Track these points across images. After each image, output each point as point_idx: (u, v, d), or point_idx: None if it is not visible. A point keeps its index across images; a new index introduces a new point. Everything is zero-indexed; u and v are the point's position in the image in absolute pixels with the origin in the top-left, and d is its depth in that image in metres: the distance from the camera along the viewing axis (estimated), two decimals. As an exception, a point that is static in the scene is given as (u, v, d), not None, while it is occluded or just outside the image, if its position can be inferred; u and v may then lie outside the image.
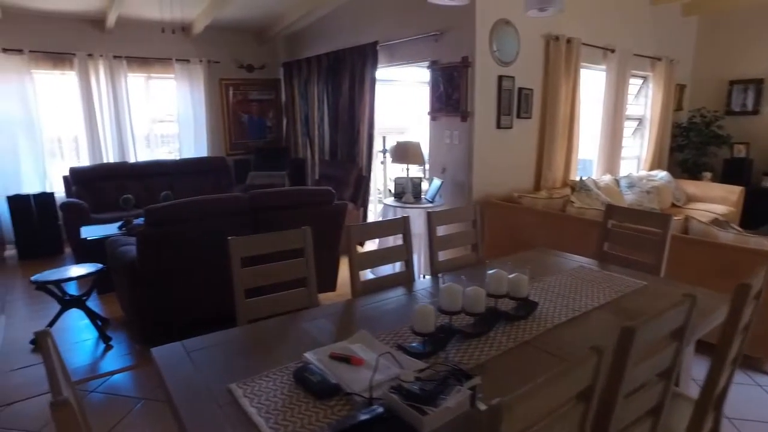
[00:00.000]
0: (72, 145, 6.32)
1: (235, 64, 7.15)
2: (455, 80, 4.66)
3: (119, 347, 3.48)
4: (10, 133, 5.75)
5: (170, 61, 6.58)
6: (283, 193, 3.63)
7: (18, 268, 5.34)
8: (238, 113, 7.30)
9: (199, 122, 6.89)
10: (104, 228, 4.77)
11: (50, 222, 5.72)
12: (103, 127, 6.23)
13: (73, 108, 6.14)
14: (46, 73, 5.95)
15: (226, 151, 7.26)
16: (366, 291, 2.24)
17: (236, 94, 7.23)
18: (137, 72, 6.44)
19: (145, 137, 6.69)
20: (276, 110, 7.62)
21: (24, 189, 5.87)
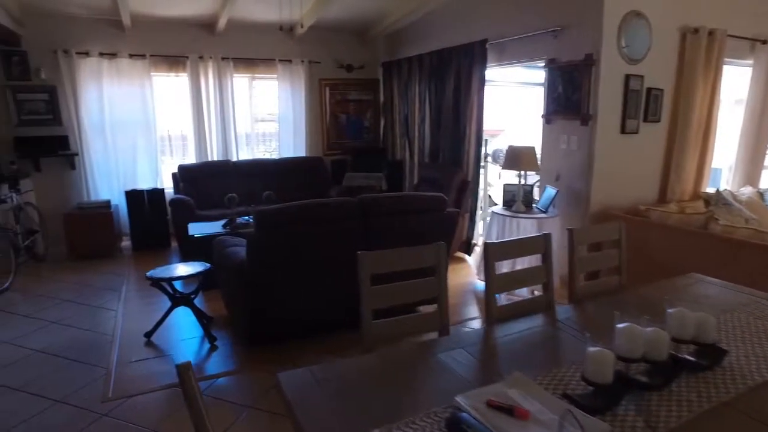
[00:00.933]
0: (180, 143, 6.60)
1: (335, 64, 7.13)
2: (576, 80, 4.25)
3: (224, 348, 3.47)
4: (131, 132, 6.09)
5: (273, 62, 6.67)
6: (394, 199, 3.45)
7: (132, 259, 5.63)
8: (336, 113, 7.28)
9: (299, 122, 6.94)
10: (209, 225, 4.87)
11: (160, 217, 5.99)
12: (209, 126, 6.44)
13: (183, 108, 6.39)
14: (163, 76, 6.24)
15: (323, 151, 7.27)
16: (502, 317, 1.97)
17: (335, 94, 7.22)
18: (242, 72, 6.59)
19: (246, 136, 6.84)
20: (374, 111, 7.52)
21: (139, 184, 6.19)
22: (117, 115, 6.00)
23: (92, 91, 5.83)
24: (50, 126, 5.82)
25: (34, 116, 5.76)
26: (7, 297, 4.52)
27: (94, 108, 5.86)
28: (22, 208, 5.30)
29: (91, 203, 5.81)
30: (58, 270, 5.26)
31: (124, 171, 6.16)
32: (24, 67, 5.65)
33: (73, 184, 6.00)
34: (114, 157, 6.08)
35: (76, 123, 5.81)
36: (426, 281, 1.93)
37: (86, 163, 5.92)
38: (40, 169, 5.86)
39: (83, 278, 4.98)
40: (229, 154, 6.58)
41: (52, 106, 5.80)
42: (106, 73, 5.88)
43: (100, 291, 4.62)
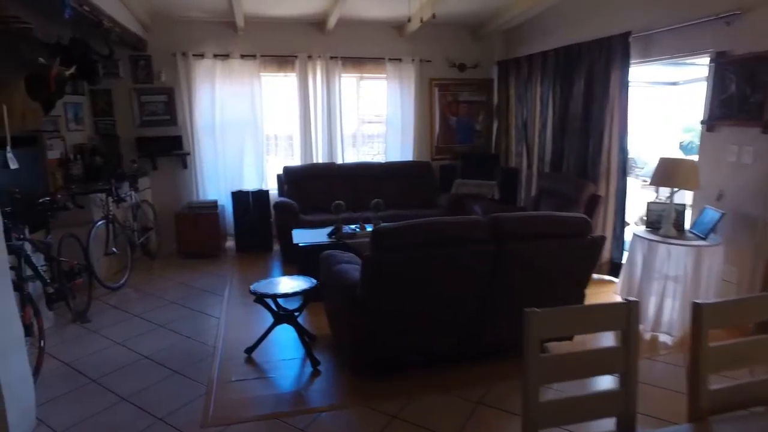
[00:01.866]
0: (286, 144, 6.51)
1: (446, 63, 6.68)
2: (758, 77, 3.43)
3: (327, 374, 3.16)
4: (239, 132, 6.09)
5: (382, 61, 6.37)
6: (531, 220, 2.93)
7: (235, 261, 5.59)
8: (446, 115, 6.83)
9: (407, 124, 6.58)
10: (314, 234, 4.64)
11: (264, 219, 5.91)
12: (315, 126, 6.27)
13: (290, 108, 6.29)
14: (271, 76, 6.17)
15: (430, 155, 6.85)
16: (716, 408, 1.40)
17: (445, 95, 6.76)
18: (350, 72, 6.36)
19: (352, 137, 6.61)
20: (486, 113, 6.97)
21: (245, 185, 6.17)
22: (227, 116, 6.01)
23: (205, 92, 5.88)
24: (167, 126, 5.95)
25: (154, 117, 5.92)
26: (123, 294, 4.60)
27: (206, 108, 5.92)
28: (139, 205, 5.44)
29: (200, 203, 5.87)
30: (166, 268, 5.33)
31: (231, 171, 6.17)
32: (148, 71, 5.83)
33: (184, 183, 6.11)
34: (222, 157, 6.11)
35: (190, 123, 5.89)
36: (610, 351, 1.41)
37: (196, 163, 5.99)
38: (157, 168, 6.02)
39: (189, 278, 4.97)
40: (334, 156, 6.38)
41: (169, 107, 5.93)
42: (218, 74, 5.90)
43: (204, 294, 4.55)
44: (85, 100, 5.67)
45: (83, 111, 5.62)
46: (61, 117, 5.25)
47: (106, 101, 5.79)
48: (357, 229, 4.58)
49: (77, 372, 3.20)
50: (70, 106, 5.42)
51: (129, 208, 5.30)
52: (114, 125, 5.85)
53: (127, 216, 5.29)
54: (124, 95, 5.81)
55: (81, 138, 5.54)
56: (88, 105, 5.73)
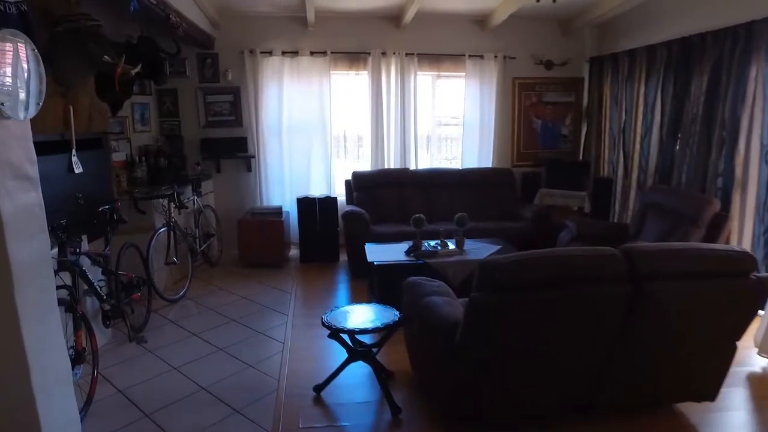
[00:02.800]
0: (355, 146, 6.08)
1: (532, 60, 6.03)
2: None
3: (410, 424, 2.65)
4: (306, 134, 5.73)
5: (462, 58, 5.81)
6: (677, 255, 2.29)
7: (299, 272, 5.20)
8: (529, 118, 6.18)
9: (486, 126, 5.99)
10: (388, 250, 4.16)
11: (330, 227, 5.50)
12: (387, 128, 5.81)
13: (360, 108, 5.85)
14: (342, 74, 5.76)
15: (511, 161, 6.23)
16: None
17: (530, 95, 6.12)
18: (426, 70, 5.84)
19: (425, 140, 6.09)
20: (574, 116, 6.26)
21: (311, 191, 5.80)
22: (294, 116, 5.66)
23: (272, 91, 5.55)
24: (232, 127, 5.68)
25: (219, 117, 5.66)
26: (182, 307, 4.30)
27: (272, 108, 5.58)
28: (201, 210, 5.17)
29: (264, 209, 5.53)
30: (227, 278, 5.02)
31: (297, 176, 5.81)
32: (214, 70, 5.57)
33: (247, 187, 5.81)
34: (288, 161, 5.76)
35: (255, 124, 5.58)
36: None
37: (261, 166, 5.67)
38: (220, 171, 5.75)
39: (251, 291, 4.62)
40: (406, 161, 5.88)
41: (235, 107, 5.65)
42: (287, 72, 5.56)
43: (266, 312, 4.17)
44: (151, 100, 5.47)
45: (149, 111, 5.42)
46: (128, 118, 5.06)
47: (171, 101, 5.57)
48: (437, 246, 4.05)
49: (131, 403, 2.86)
50: (137, 106, 5.23)
51: (191, 213, 5.03)
52: (179, 126, 5.63)
53: (189, 222, 5.02)
54: (190, 95, 5.58)
55: (146, 139, 5.34)
56: (155, 105, 5.54)
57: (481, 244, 4.23)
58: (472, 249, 4.10)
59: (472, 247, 4.15)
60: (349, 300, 4.49)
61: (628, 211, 5.46)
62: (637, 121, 5.21)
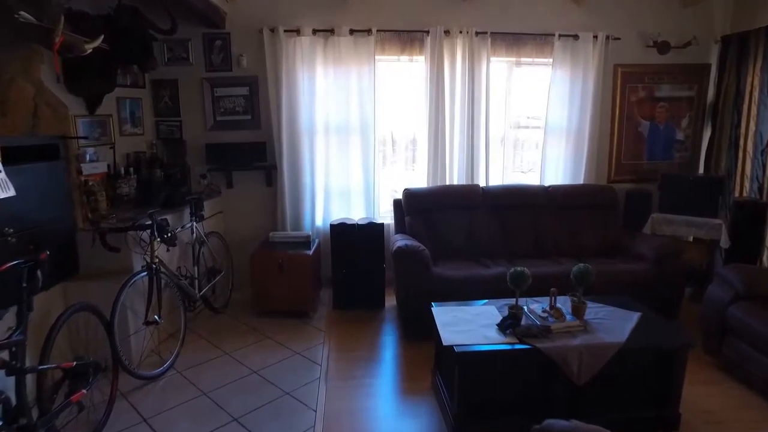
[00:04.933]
0: (406, 155, 4.69)
1: (642, 41, 4.55)
2: None
3: None
4: (344, 138, 4.39)
5: (549, 39, 4.38)
6: None
7: (333, 325, 3.82)
8: (635, 118, 4.69)
9: (575, 129, 4.54)
10: (468, 317, 2.74)
11: (374, 264, 4.11)
12: (450, 131, 4.41)
13: (414, 105, 4.47)
14: (391, 60, 4.39)
15: (608, 175, 4.75)
16: None
17: (636, 88, 4.63)
18: (501, 55, 4.43)
19: (498, 146, 4.66)
20: (695, 115, 4.74)
21: (350, 213, 4.46)
22: (328, 115, 4.33)
23: (300, 82, 4.22)
24: (247, 129, 4.38)
25: (231, 117, 4.37)
26: (166, 387, 2.97)
27: (300, 105, 4.25)
28: (204, 240, 3.87)
29: (287, 237, 4.20)
30: (236, 334, 3.68)
31: (332, 193, 4.48)
32: (225, 54, 4.28)
33: (267, 207, 4.49)
34: (321, 173, 4.43)
35: (277, 125, 4.26)
36: None
37: (285, 180, 4.34)
38: (233, 185, 4.46)
39: (266, 359, 3.28)
40: (475, 174, 4.48)
41: (252, 103, 4.34)
42: (319, 58, 4.23)
43: (287, 403, 2.81)
44: (144, 94, 4.22)
45: (142, 109, 4.17)
46: (112, 117, 3.81)
47: (170, 95, 4.32)
48: (547, 314, 2.62)
49: None
50: (125, 102, 3.99)
51: (189, 245, 3.75)
52: (179, 127, 4.36)
53: (186, 257, 3.74)
54: (194, 87, 4.31)
55: (137, 144, 4.09)
56: (149, 101, 4.28)
57: (607, 310, 2.79)
58: (596, 319, 2.66)
59: (596, 314, 2.71)
60: (398, 385, 3.11)
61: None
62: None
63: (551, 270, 3.64)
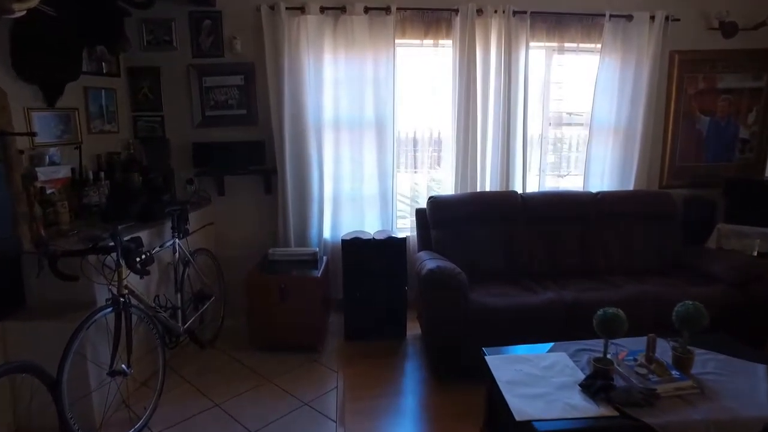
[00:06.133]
0: (429, 154, 4.00)
1: (704, 22, 3.91)
2: None
3: None
4: (357, 136, 3.73)
5: (598, 21, 3.73)
6: None
7: (345, 360, 3.15)
8: (693, 113, 4.05)
9: (626, 126, 3.90)
10: (531, 370, 2.08)
11: (394, 285, 3.45)
12: (482, 128, 3.75)
13: (439, 97, 3.81)
14: (412, 45, 3.73)
15: (660, 180, 4.11)
16: None
17: (695, 78, 3.99)
18: (541, 39, 3.77)
19: (536, 146, 4.00)
20: (762, 109, 4.10)
21: (365, 226, 3.79)
22: (339, 109, 3.67)
23: (306, 71, 3.55)
24: (243, 126, 3.70)
25: (222, 111, 3.69)
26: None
27: (306, 97, 3.58)
28: (189, 260, 3.19)
29: (290, 255, 3.53)
30: (229, 374, 3.00)
31: (343, 202, 3.81)
32: (216, 38, 3.60)
33: (265, 219, 3.81)
34: (331, 178, 3.77)
35: (278, 121, 3.58)
36: None
37: (287, 186, 3.66)
38: (224, 193, 3.78)
39: (268, 410, 2.61)
40: (510, 178, 3.82)
41: (248, 95, 3.67)
42: (328, 42, 3.56)
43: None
44: (120, 84, 3.54)
45: (116, 101, 3.49)
46: (77, 111, 3.14)
47: (151, 85, 3.64)
48: (645, 369, 1.95)
49: None
50: (95, 92, 3.31)
51: (171, 265, 3.06)
52: (161, 123, 3.68)
53: (166, 282, 3.06)
54: (179, 76, 3.64)
55: (111, 144, 3.42)
56: (125, 92, 3.60)
57: (716, 359, 2.13)
58: (708, 375, 2.01)
59: (704, 366, 2.06)
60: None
61: None
62: None
63: (611, 296, 2.99)
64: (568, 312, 2.88)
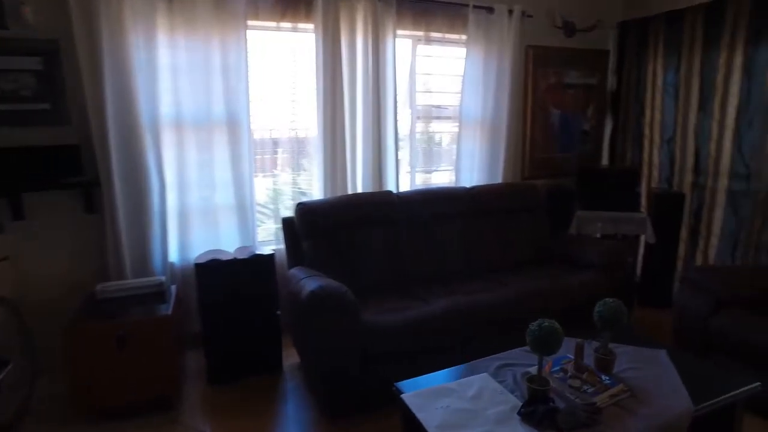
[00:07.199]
0: (293, 159, 3.50)
1: (551, 20, 4.05)
2: None
3: None
4: (205, 137, 3.07)
5: (463, 11, 3.61)
6: None
7: (211, 417, 2.54)
8: (547, 107, 4.19)
9: (493, 119, 3.87)
10: (464, 401, 1.78)
11: (263, 311, 2.91)
12: (351, 125, 3.38)
13: (302, 90, 3.34)
14: (268, 29, 3.20)
15: (523, 172, 4.19)
16: None
17: (547, 73, 4.13)
18: (407, 28, 3.54)
19: (405, 141, 3.77)
20: (597, 104, 4.42)
21: (221, 244, 3.16)
22: (179, 105, 2.98)
23: (134, 54, 2.79)
24: (45, 126, 2.79)
25: (13, 106, 2.74)
26: None
27: (136, 89, 2.82)
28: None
29: (127, 289, 2.76)
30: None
31: (190, 214, 3.12)
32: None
33: (87, 246, 2.95)
34: (175, 187, 3.06)
35: (99, 120, 2.76)
36: None
37: (117, 201, 2.87)
38: (24, 216, 2.82)
39: None
40: (383, 177, 3.52)
41: (50, 84, 2.77)
42: (162, 21, 2.87)
43: None
44: None
45: None
46: None
47: None
48: (579, 380, 1.77)
49: None
50: None
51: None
52: None
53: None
54: (-63, 57, 2.61)
55: None
56: None
57: (625, 352, 2.05)
58: (627, 371, 1.92)
59: (619, 364, 1.96)
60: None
61: (711, 240, 3.74)
62: (726, 105, 3.51)
63: (504, 295, 2.89)
64: (465, 319, 2.68)
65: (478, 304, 2.75)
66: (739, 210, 3.54)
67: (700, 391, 1.80)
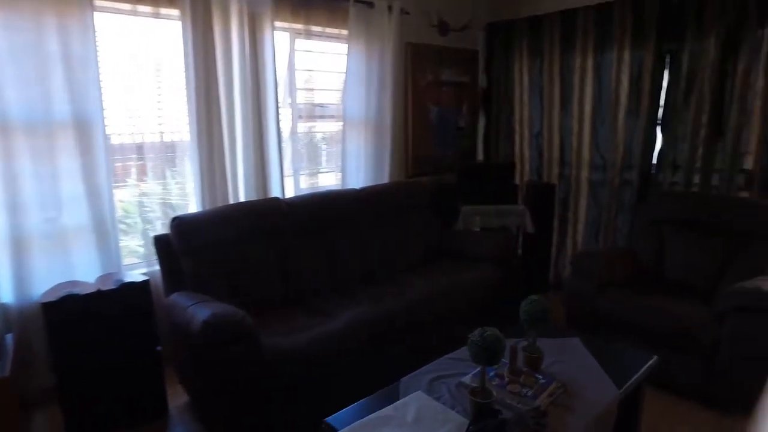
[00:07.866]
0: (162, 167, 3.00)
1: (425, 19, 4.06)
2: None
3: None
4: (44, 143, 2.47)
5: (345, 4, 3.41)
6: None
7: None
8: (425, 104, 4.20)
9: (376, 118, 3.76)
10: (404, 429, 1.61)
11: (142, 348, 2.45)
12: (229, 126, 3.00)
13: (171, 88, 2.88)
14: (122, 12, 2.68)
15: (406, 170, 4.15)
16: None
17: (425, 71, 4.13)
18: (287, 20, 3.25)
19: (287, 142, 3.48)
20: (471, 102, 4.57)
21: (76, 274, 2.59)
22: (4, 102, 2.35)
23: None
24: None
25: None
26: None
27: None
28: None
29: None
30: None
31: (29, 240, 2.50)
32: None
33: None
34: (6, 208, 2.42)
35: None
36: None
37: None
38: None
39: None
40: (267, 185, 3.20)
41: None
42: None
43: None
44: None
45: None
46: None
47: None
48: (517, 384, 1.71)
49: None
50: None
51: None
52: None
53: None
54: None
55: None
56: None
57: (550, 346, 2.07)
58: (555, 367, 1.93)
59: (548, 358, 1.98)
60: None
61: (578, 227, 4.08)
62: (583, 104, 3.85)
63: (409, 300, 2.79)
64: (372, 329, 2.52)
65: (385, 313, 2.61)
66: (599, 198, 3.90)
67: (618, 374, 1.88)
